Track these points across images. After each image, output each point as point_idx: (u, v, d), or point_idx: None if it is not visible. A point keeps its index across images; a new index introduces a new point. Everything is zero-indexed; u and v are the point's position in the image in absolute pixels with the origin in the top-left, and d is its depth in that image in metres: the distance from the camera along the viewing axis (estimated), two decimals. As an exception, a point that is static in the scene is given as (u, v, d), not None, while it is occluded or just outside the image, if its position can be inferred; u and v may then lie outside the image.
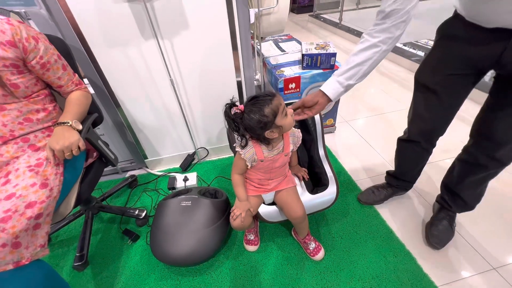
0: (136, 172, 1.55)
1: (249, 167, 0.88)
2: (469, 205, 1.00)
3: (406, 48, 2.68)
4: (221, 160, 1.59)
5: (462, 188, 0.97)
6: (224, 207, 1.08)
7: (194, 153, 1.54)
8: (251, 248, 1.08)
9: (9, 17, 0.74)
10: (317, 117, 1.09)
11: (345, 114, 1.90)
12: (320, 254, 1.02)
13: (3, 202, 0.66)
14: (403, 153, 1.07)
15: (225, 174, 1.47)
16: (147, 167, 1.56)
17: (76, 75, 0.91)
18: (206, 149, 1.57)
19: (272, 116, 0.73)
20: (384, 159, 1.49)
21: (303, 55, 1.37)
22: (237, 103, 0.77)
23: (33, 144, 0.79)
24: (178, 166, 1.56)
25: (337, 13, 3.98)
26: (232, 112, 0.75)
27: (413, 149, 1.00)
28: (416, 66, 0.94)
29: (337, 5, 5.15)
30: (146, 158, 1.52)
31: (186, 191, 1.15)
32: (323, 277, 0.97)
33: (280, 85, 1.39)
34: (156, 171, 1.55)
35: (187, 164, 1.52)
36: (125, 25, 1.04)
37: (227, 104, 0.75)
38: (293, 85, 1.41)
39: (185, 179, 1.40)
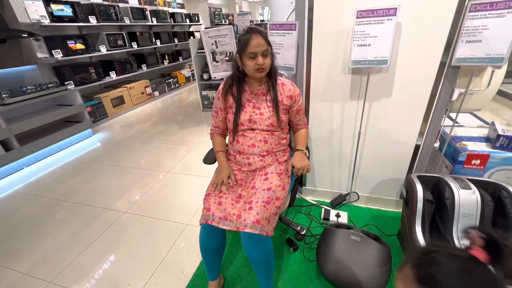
0: (291, 194, 1.88)
1: None
2: None
3: None
4: (369, 209, 1.68)
5: None
6: (389, 255, 1.16)
7: (347, 195, 1.71)
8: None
9: (292, 81, 1.21)
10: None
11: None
12: None
13: (266, 191, 1.03)
14: None
15: (376, 224, 1.55)
16: (300, 193, 1.86)
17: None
18: (357, 194, 1.71)
19: None
20: None
21: (498, 135, 1.33)
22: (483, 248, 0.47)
23: (277, 159, 1.19)
24: (328, 201, 1.77)
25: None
26: (463, 243, 0.50)
27: None
28: None
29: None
30: (304, 185, 1.82)
31: (348, 227, 1.31)
32: None
33: (462, 158, 1.38)
34: (308, 199, 1.81)
35: (338, 202, 1.70)
36: (341, 88, 1.40)
37: (473, 227, 0.50)
38: (478, 162, 1.36)
39: (337, 215, 1.59)
